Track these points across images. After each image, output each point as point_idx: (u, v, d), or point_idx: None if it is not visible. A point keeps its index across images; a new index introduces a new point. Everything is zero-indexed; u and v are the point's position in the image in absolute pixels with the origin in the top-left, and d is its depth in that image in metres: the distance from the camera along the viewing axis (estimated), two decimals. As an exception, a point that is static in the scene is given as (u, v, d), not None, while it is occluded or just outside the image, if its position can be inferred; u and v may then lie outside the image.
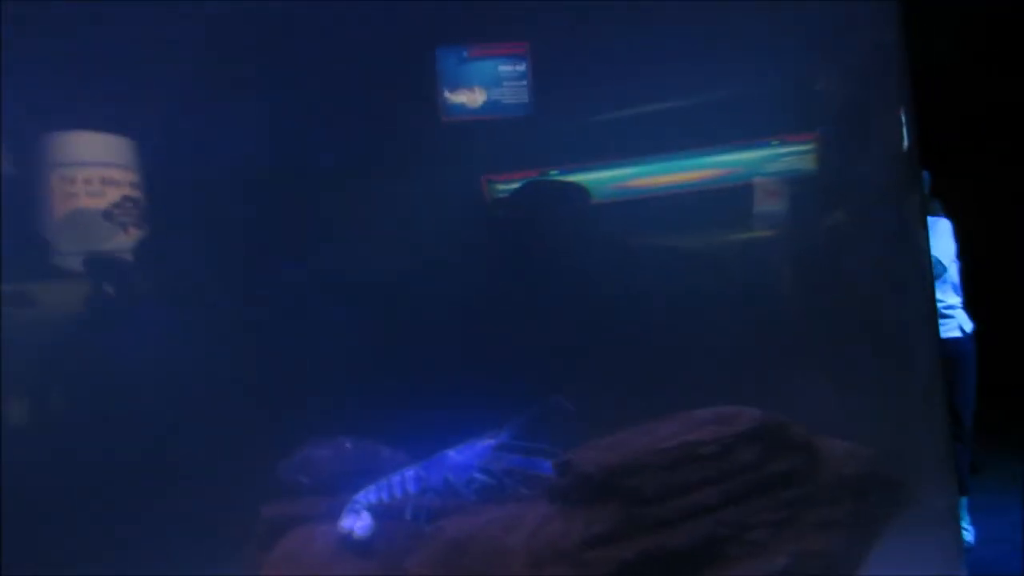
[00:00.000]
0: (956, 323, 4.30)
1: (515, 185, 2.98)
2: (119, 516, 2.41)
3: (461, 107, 2.73)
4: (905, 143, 2.40)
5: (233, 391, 2.61)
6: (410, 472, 2.09)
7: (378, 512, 2.04)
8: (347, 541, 2.00)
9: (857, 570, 1.68)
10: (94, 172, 2.99)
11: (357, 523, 2.02)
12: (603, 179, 2.90)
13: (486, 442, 2.10)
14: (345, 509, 2.07)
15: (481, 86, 2.73)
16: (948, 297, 4.29)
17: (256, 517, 2.23)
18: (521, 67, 2.73)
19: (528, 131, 2.82)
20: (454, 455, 2.09)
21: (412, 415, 2.39)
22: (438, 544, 1.91)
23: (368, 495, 2.08)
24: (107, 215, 2.93)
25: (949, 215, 4.42)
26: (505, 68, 2.74)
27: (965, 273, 4.49)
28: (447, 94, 2.70)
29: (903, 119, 2.40)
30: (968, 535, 4.05)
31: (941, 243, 4.18)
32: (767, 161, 2.76)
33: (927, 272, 2.51)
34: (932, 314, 2.58)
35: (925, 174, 4.10)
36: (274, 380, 2.67)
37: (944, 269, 4.18)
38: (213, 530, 2.30)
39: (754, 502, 1.63)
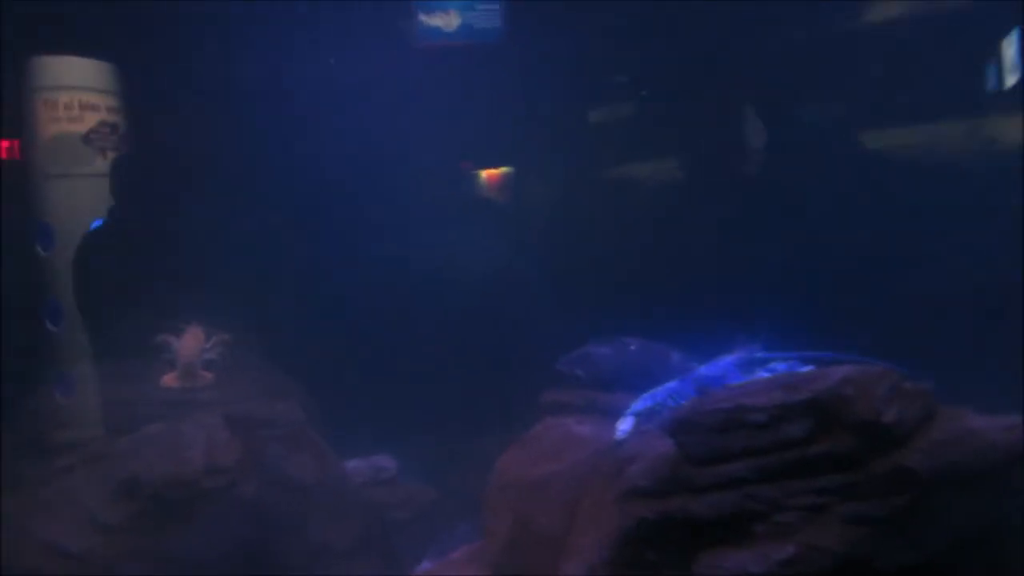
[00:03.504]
0: None
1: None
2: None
3: (437, 31, 2.76)
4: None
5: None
6: (671, 385, 2.26)
7: (640, 418, 2.28)
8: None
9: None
10: (74, 96, 3.14)
11: (621, 426, 2.31)
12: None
13: (729, 358, 2.17)
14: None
15: (456, 10, 2.75)
16: None
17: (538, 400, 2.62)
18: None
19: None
20: (703, 371, 2.22)
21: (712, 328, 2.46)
22: (618, 454, 2.09)
23: (638, 403, 2.33)
24: (85, 139, 3.12)
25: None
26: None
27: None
28: (422, 17, 2.76)
29: None
30: None
31: None
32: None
33: None
34: None
35: None
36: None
37: None
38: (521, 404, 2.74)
39: (793, 482, 1.46)
